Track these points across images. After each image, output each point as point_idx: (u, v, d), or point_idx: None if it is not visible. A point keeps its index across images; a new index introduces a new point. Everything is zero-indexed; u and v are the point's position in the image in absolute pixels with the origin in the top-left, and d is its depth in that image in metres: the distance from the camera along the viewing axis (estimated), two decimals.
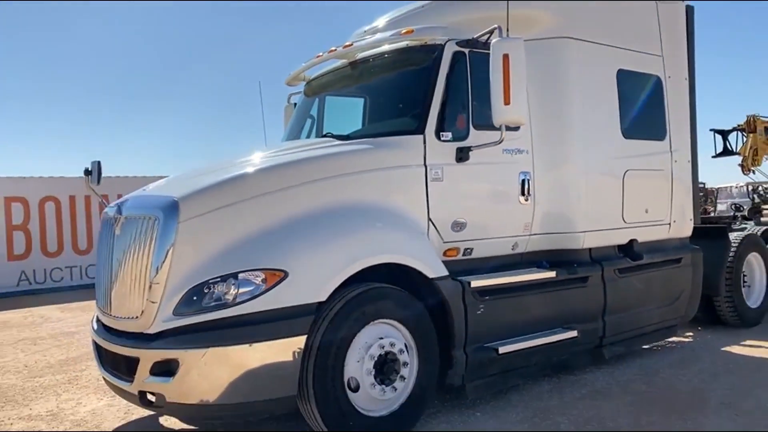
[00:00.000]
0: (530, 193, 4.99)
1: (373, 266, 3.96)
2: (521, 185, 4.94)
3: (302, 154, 4.42)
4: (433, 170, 4.46)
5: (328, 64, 5.55)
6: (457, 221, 4.58)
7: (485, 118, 4.45)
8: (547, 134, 5.07)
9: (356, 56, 5.15)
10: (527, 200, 4.98)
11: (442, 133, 4.50)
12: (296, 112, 5.99)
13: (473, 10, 5.02)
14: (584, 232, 5.27)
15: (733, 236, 7.24)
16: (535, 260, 5.14)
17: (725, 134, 18.30)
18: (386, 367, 3.93)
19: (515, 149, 4.87)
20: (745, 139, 17.64)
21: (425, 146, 4.45)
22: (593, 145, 5.35)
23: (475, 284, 4.43)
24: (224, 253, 3.70)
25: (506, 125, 4.29)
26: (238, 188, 3.93)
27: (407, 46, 4.79)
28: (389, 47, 4.90)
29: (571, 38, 5.24)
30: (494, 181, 4.85)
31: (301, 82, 5.94)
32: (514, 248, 5.02)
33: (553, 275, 4.98)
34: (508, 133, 4.36)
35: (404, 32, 4.75)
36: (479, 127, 4.60)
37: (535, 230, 5.07)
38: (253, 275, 3.61)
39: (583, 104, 5.29)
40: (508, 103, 4.15)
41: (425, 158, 4.44)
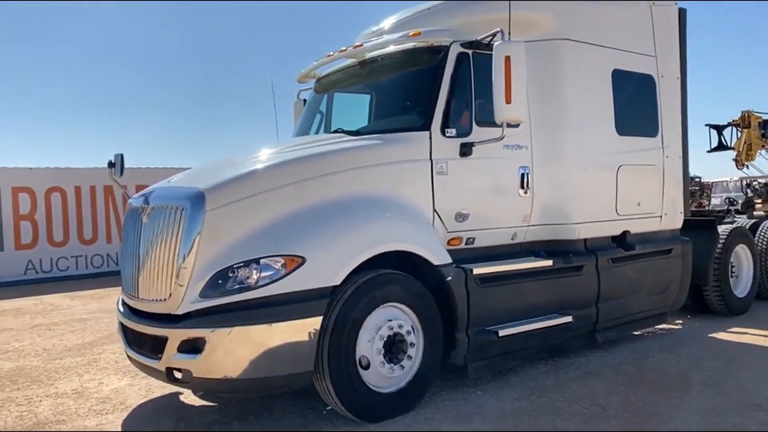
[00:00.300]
0: (529, 186, 5.26)
1: (382, 253, 4.24)
2: (521, 179, 5.21)
3: (318, 149, 4.67)
4: (438, 164, 4.74)
5: (336, 62, 5.81)
6: (460, 212, 4.86)
7: (487, 115, 4.71)
8: (545, 131, 5.33)
9: (365, 56, 5.39)
10: (526, 193, 5.25)
11: (446, 129, 4.76)
12: (307, 107, 6.26)
13: (477, 13, 5.29)
14: (579, 223, 5.55)
15: (721, 229, 7.50)
16: (533, 250, 5.42)
17: (720, 129, 18.50)
18: (394, 347, 4.23)
19: (515, 145, 5.14)
20: (739, 134, 17.93)
21: (431, 142, 4.72)
22: (588, 141, 5.63)
23: (477, 271, 4.72)
24: (246, 240, 3.98)
25: (507, 122, 4.57)
26: (259, 181, 4.20)
27: (414, 47, 5.04)
28: (397, 48, 5.14)
29: (569, 40, 5.51)
30: (495, 174, 5.12)
31: (311, 79, 6.20)
32: (513, 238, 5.30)
33: (549, 264, 5.27)
34: (508, 129, 4.63)
35: (412, 34, 5.00)
36: (482, 123, 4.87)
37: (533, 221, 5.35)
38: (273, 261, 3.90)
39: (579, 102, 5.56)
40: (509, 102, 4.43)
41: (431, 153, 4.71)
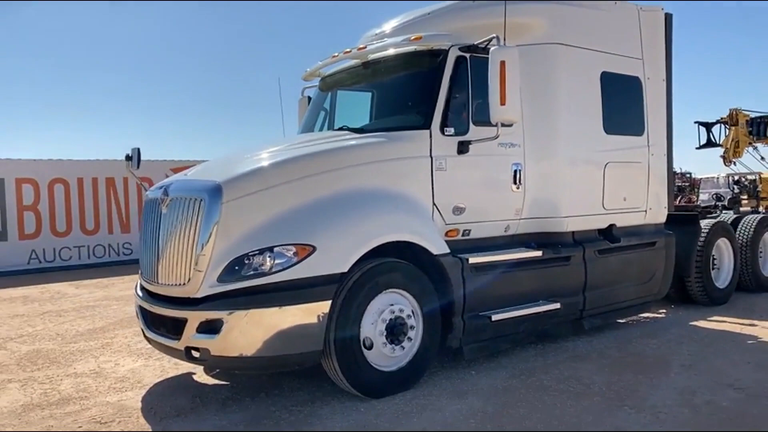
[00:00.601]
0: (521, 181, 5.61)
1: (386, 243, 4.58)
2: (513, 175, 5.56)
3: (325, 145, 5.00)
4: (437, 161, 5.07)
5: (340, 63, 6.13)
6: (457, 206, 5.20)
7: (483, 115, 5.05)
8: (536, 130, 5.67)
9: (368, 57, 5.70)
10: (518, 188, 5.60)
11: (446, 128, 5.09)
12: (312, 104, 6.58)
13: (474, 18, 5.64)
14: (568, 217, 5.91)
15: (704, 223, 7.86)
16: (524, 241, 5.77)
17: (709, 126, 18.95)
18: (396, 329, 4.58)
19: (509, 143, 5.48)
20: (727, 131, 18.34)
21: (431, 140, 5.05)
22: (577, 140, 5.98)
23: (472, 261, 5.07)
24: (260, 230, 4.30)
25: (502, 122, 4.93)
26: (272, 175, 4.53)
27: (416, 50, 5.35)
28: (399, 51, 5.46)
29: (560, 44, 5.85)
30: (490, 171, 5.46)
31: (316, 78, 6.51)
32: (506, 230, 5.66)
33: (539, 254, 5.62)
34: (503, 128, 4.99)
35: (413, 38, 5.32)
36: (478, 123, 5.20)
37: (525, 215, 5.70)
38: (286, 249, 4.23)
39: (569, 103, 5.91)
40: (503, 103, 4.78)
41: (431, 150, 5.04)
